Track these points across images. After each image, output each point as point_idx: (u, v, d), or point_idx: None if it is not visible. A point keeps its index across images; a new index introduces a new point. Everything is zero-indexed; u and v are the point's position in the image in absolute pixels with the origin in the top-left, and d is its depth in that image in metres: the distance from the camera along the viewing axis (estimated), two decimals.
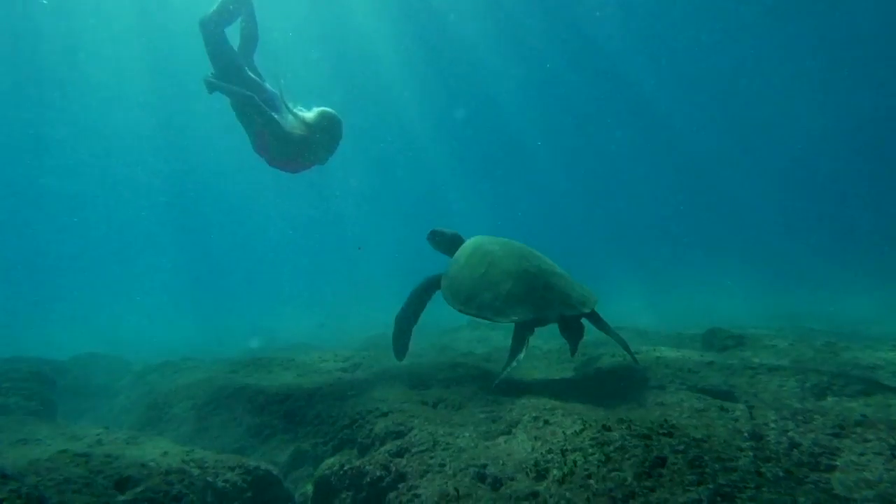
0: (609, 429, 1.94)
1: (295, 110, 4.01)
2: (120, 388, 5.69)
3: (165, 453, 1.89)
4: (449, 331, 7.59)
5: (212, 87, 3.79)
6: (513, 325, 3.17)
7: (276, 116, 3.76)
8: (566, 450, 1.90)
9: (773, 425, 1.84)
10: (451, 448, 2.16)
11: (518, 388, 3.35)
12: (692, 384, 2.81)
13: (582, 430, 2.05)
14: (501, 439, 2.33)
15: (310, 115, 3.97)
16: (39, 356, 7.09)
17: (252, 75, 4.07)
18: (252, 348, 8.66)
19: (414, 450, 2.15)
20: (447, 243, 4.02)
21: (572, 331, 3.20)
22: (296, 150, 3.90)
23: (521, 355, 2.97)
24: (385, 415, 2.65)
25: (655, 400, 2.64)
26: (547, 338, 5.90)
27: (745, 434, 1.81)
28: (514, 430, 2.39)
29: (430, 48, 16.44)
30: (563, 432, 2.11)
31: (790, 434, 1.73)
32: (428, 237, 4.15)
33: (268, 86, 4.16)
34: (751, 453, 1.59)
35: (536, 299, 2.93)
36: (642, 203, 28.78)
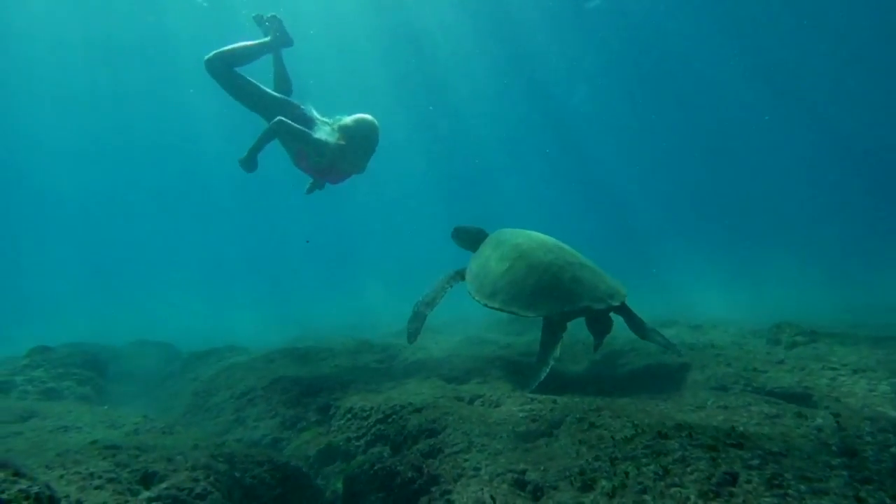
0: (666, 436, 1.73)
1: (331, 120, 4.00)
2: (168, 375, 5.93)
3: (196, 446, 1.86)
4: (487, 323, 7.44)
5: (250, 164, 3.85)
6: (541, 319, 3.08)
7: (308, 131, 3.76)
8: (616, 458, 1.71)
9: (868, 438, 1.56)
10: (488, 450, 2.02)
11: (560, 383, 3.16)
12: (759, 385, 2.52)
13: (634, 436, 1.84)
14: (542, 441, 2.17)
15: (346, 121, 3.94)
16: (99, 342, 7.57)
17: (278, 95, 4.12)
18: (294, 338, 8.86)
19: (447, 450, 2.03)
20: (472, 240, 3.97)
21: (600, 325, 3.09)
22: (332, 159, 3.89)
23: (556, 353, 2.84)
24: (419, 410, 2.55)
25: (717, 402, 2.38)
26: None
27: (834, 448, 1.55)
28: (555, 432, 2.22)
29: (481, 33, 16.16)
30: (612, 437, 1.92)
31: (893, 450, 1.46)
32: (452, 235, 4.11)
33: (298, 104, 4.19)
34: (844, 472, 1.34)
35: (563, 292, 2.85)
36: (690, 193, 27.41)
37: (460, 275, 3.63)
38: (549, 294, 2.86)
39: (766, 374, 2.63)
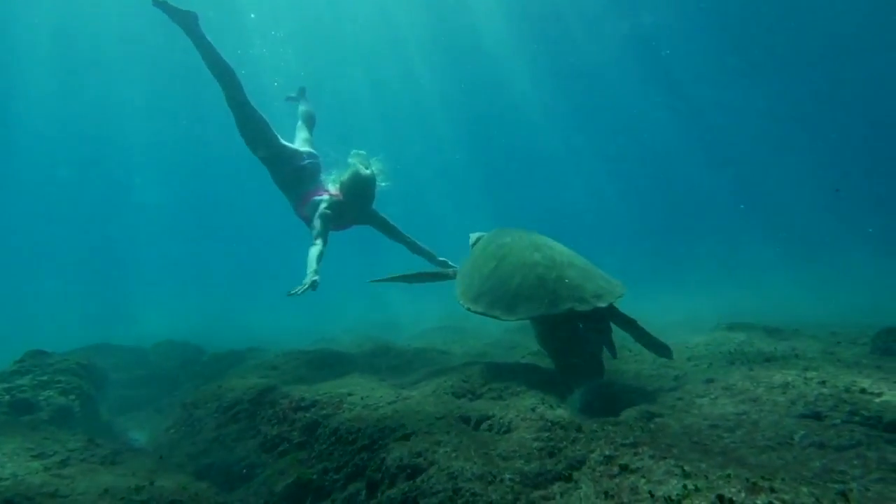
0: (732, 502, 1.19)
1: (333, 177, 4.24)
2: (186, 378, 5.88)
3: (106, 491, 1.53)
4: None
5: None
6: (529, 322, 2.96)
7: (320, 222, 3.97)
8: None
9: None
10: (479, 502, 1.56)
11: (590, 398, 2.64)
12: (873, 414, 1.87)
13: (685, 495, 1.31)
14: (556, 488, 1.67)
15: (343, 177, 4.11)
16: (130, 344, 7.73)
17: (284, 142, 4.39)
18: (319, 339, 8.71)
19: (424, 502, 1.58)
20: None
21: (595, 329, 2.84)
22: (333, 218, 4.15)
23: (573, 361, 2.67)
24: (406, 438, 2.12)
25: (809, 438, 1.78)
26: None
27: None
28: (575, 475, 1.71)
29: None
30: (651, 493, 1.40)
31: None
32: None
33: (305, 150, 4.52)
34: None
35: (546, 294, 2.64)
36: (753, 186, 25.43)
37: (451, 275, 3.51)
38: (531, 296, 2.67)
39: (880, 399, 1.97)
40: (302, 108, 5.09)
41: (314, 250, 3.81)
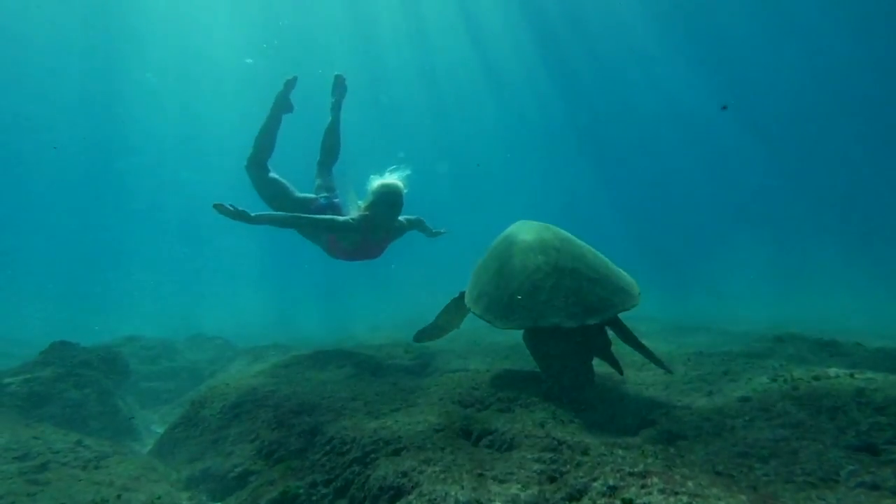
0: None
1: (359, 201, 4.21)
2: (211, 373, 6.04)
3: None
4: None
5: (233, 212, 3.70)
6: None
7: (327, 217, 4.01)
8: None
9: None
10: None
11: (608, 414, 2.43)
12: None
13: None
14: None
15: (368, 194, 4.11)
16: (163, 336, 8.06)
17: (300, 195, 4.53)
18: (338, 338, 8.77)
19: None
20: None
21: (590, 345, 2.65)
22: (362, 235, 4.15)
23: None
24: (397, 453, 2.00)
25: (859, 475, 1.52)
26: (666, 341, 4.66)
27: None
28: None
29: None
30: None
31: None
32: None
33: (322, 195, 4.60)
34: None
35: (538, 304, 2.48)
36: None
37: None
38: (524, 304, 2.53)
39: None
40: (325, 138, 4.95)
41: (285, 213, 3.95)
